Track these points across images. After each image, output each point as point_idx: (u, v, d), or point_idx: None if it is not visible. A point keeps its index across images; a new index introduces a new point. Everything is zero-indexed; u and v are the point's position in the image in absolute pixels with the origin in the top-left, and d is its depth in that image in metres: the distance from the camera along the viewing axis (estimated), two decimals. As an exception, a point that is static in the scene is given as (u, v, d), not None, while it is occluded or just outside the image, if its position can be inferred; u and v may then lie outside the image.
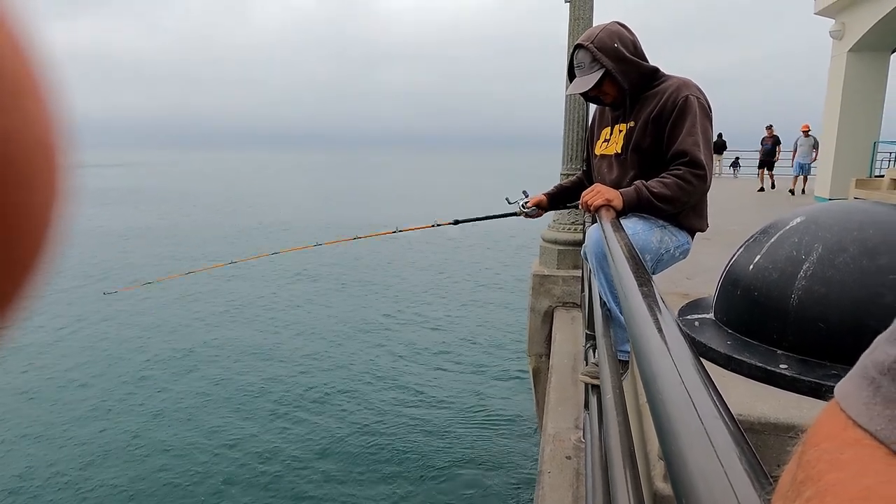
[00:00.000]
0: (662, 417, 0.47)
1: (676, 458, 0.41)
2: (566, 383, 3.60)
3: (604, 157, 2.31)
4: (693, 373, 0.53)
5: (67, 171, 0.18)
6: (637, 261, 1.10)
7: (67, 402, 8.79)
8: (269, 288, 15.20)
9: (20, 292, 0.18)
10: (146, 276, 12.88)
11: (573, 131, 5.04)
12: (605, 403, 1.27)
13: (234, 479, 6.84)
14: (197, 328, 12.12)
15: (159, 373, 9.86)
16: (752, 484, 0.36)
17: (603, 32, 2.14)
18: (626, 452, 1.05)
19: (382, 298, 14.43)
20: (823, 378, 0.94)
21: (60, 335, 11.54)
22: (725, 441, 0.41)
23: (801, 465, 0.26)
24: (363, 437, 7.77)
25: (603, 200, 2.01)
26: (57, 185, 0.18)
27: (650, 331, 0.66)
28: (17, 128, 0.16)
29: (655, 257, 2.13)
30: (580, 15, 4.83)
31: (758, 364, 1.02)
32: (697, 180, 2.02)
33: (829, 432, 0.26)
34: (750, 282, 1.11)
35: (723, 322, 1.21)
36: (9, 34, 0.15)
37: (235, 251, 14.48)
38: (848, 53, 10.93)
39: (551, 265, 5.25)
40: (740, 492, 0.36)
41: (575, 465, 2.59)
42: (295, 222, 27.39)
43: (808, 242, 1.04)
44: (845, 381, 0.28)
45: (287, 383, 9.46)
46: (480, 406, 8.68)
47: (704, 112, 2.06)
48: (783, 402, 1.59)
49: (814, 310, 0.99)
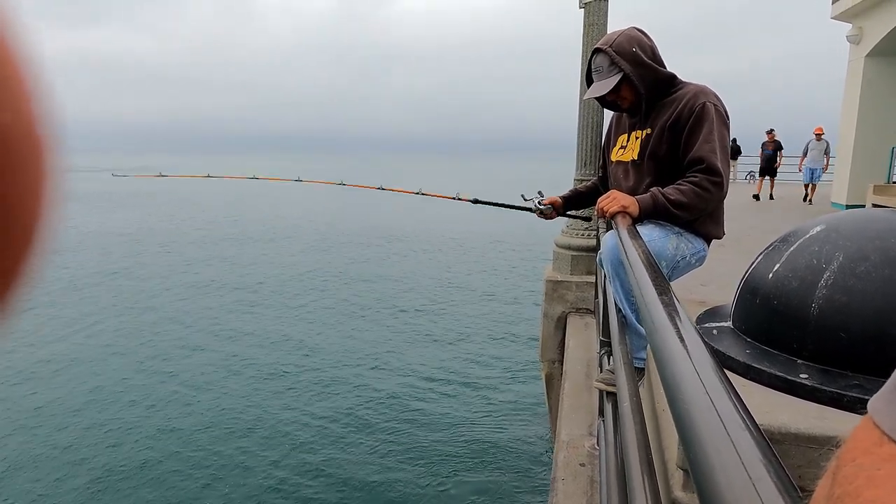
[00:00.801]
0: (687, 428, 0.47)
1: (703, 470, 0.41)
2: (580, 390, 3.59)
3: (620, 163, 2.30)
4: (717, 382, 0.53)
5: (56, 167, 0.19)
6: (655, 268, 1.10)
7: (80, 386, 8.91)
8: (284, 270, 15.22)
9: (11, 285, 0.18)
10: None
11: (587, 136, 5.02)
12: (621, 411, 1.27)
13: (243, 472, 6.88)
14: (207, 312, 12.26)
15: (160, 361, 9.98)
16: (782, 497, 0.36)
17: (622, 37, 2.14)
18: (643, 460, 1.05)
19: (394, 297, 14.46)
20: (845, 388, 0.93)
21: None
22: (752, 451, 0.41)
23: (838, 481, 0.27)
24: (370, 437, 7.77)
25: (619, 207, 2.01)
26: (46, 180, 0.19)
27: (672, 340, 0.66)
28: (5, 122, 0.16)
29: (671, 264, 2.12)
30: (594, 20, 4.82)
31: (778, 373, 1.01)
32: (714, 187, 2.01)
33: (865, 447, 0.26)
34: (769, 290, 1.10)
35: (741, 330, 1.21)
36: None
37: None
38: (865, 58, 10.82)
39: (565, 271, 5.24)
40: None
41: (589, 473, 2.58)
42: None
43: (828, 251, 1.03)
44: (878, 396, 0.28)
45: (290, 379, 9.56)
46: (491, 411, 8.65)
47: (721, 119, 2.06)
48: (804, 412, 1.58)
49: (835, 319, 0.98)
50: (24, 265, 0.19)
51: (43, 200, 0.19)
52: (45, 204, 0.19)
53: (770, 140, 14.02)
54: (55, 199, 0.19)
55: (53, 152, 0.19)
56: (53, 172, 0.19)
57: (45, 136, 0.18)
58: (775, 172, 13.94)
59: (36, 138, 0.18)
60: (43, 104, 0.18)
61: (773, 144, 13.97)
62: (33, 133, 0.18)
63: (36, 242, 0.19)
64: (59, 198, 0.19)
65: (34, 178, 0.18)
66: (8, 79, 0.16)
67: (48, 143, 0.19)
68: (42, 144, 0.18)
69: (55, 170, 0.19)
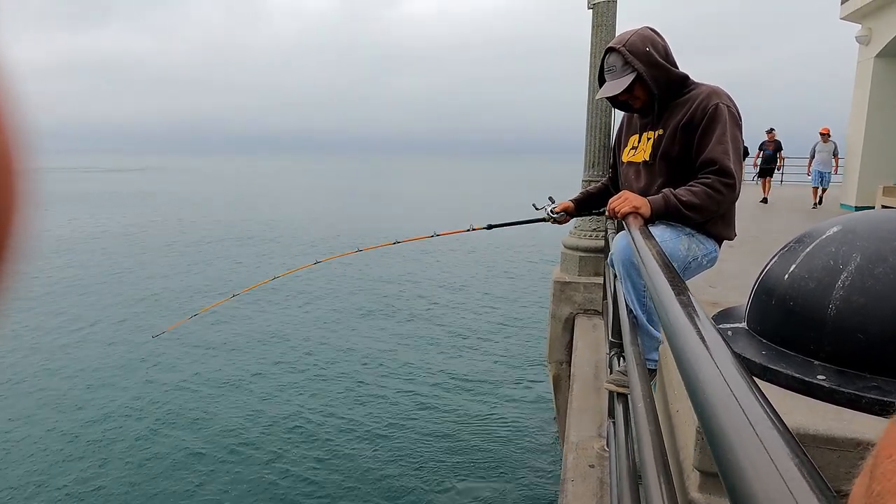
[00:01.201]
0: (715, 430, 0.47)
1: (733, 471, 0.41)
2: (588, 391, 3.58)
3: (631, 164, 2.30)
4: (742, 383, 0.53)
5: (27, 175, 0.19)
6: (671, 269, 1.10)
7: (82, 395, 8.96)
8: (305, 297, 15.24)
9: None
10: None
11: (595, 137, 5.01)
12: (635, 412, 1.27)
13: (259, 484, 6.89)
14: (233, 344, 12.28)
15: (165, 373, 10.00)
16: (815, 496, 0.36)
17: (635, 36, 2.13)
18: (659, 461, 1.05)
19: (400, 302, 14.46)
20: (863, 389, 0.93)
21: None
22: (783, 451, 0.41)
23: (876, 478, 0.27)
24: (379, 442, 7.78)
25: (630, 208, 2.00)
26: (16, 189, 0.19)
27: (693, 341, 0.66)
28: None
29: (683, 265, 2.11)
30: (603, 21, 4.81)
31: (795, 375, 1.01)
32: (726, 189, 2.00)
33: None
34: (785, 291, 1.10)
35: (756, 332, 1.20)
36: None
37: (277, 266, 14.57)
38: (875, 59, 10.76)
39: (573, 272, 5.23)
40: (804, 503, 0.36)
41: (599, 474, 2.57)
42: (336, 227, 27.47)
43: (845, 252, 1.03)
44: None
45: (302, 388, 9.55)
46: (499, 413, 8.65)
47: (734, 121, 2.05)
48: (821, 414, 1.57)
49: (852, 320, 0.98)
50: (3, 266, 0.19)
51: (16, 203, 0.19)
52: (18, 207, 0.19)
53: (770, 140, 13.23)
54: (29, 203, 0.19)
55: (25, 155, 0.19)
56: (26, 175, 0.19)
57: (16, 141, 0.18)
58: (773, 174, 13.15)
59: (7, 143, 0.18)
60: (14, 107, 0.18)
61: (774, 144, 13.17)
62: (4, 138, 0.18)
63: (10, 245, 0.19)
64: (33, 201, 0.20)
65: (5, 181, 0.18)
66: None
67: (19, 147, 0.19)
68: (13, 149, 0.18)
69: (27, 172, 0.19)
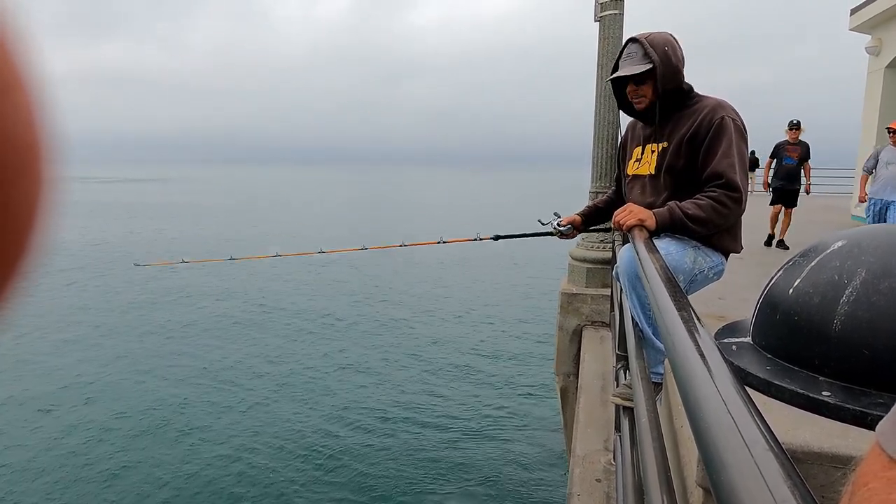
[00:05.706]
0: (709, 449, 0.47)
1: (726, 492, 0.41)
2: (595, 404, 3.55)
3: (637, 177, 2.29)
4: (739, 402, 0.53)
5: (53, 172, 0.19)
6: (673, 283, 1.09)
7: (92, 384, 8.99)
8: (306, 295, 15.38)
9: (5, 289, 0.19)
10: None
11: (602, 149, 5.01)
12: (639, 427, 1.26)
13: (268, 484, 6.88)
14: (230, 328, 12.33)
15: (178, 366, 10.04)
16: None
17: (657, 34, 2.18)
18: (662, 477, 1.04)
19: (406, 312, 14.46)
20: (869, 406, 0.92)
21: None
22: (776, 473, 0.40)
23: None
24: (383, 453, 7.75)
25: (636, 220, 2.00)
26: (43, 185, 0.19)
27: (692, 357, 0.66)
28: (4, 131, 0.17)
29: (689, 278, 2.10)
30: (609, 34, 4.83)
31: (799, 390, 1.00)
32: (733, 203, 1.99)
33: (875, 472, 0.27)
34: (790, 306, 1.09)
35: (761, 346, 1.19)
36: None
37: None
38: (886, 69, 10.71)
39: (580, 283, 5.21)
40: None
41: (605, 489, 2.55)
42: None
43: (850, 267, 1.02)
44: (885, 421, 0.29)
45: (307, 390, 9.58)
46: (506, 424, 8.60)
47: (740, 134, 2.04)
48: (827, 430, 1.55)
49: (858, 336, 0.97)
50: (18, 271, 0.19)
51: (40, 209, 0.19)
52: (41, 213, 0.19)
53: (793, 141, 7.44)
54: (52, 209, 0.20)
55: (52, 162, 0.19)
56: (51, 182, 0.19)
57: (44, 146, 0.19)
58: (796, 200, 7.45)
59: (35, 148, 0.18)
60: (44, 114, 0.18)
61: (799, 149, 7.42)
62: (33, 143, 0.18)
63: (31, 250, 0.19)
64: (55, 207, 0.20)
65: (32, 187, 0.18)
66: (8, 88, 0.17)
67: (47, 153, 0.19)
68: (41, 154, 0.18)
69: (53, 179, 0.19)
